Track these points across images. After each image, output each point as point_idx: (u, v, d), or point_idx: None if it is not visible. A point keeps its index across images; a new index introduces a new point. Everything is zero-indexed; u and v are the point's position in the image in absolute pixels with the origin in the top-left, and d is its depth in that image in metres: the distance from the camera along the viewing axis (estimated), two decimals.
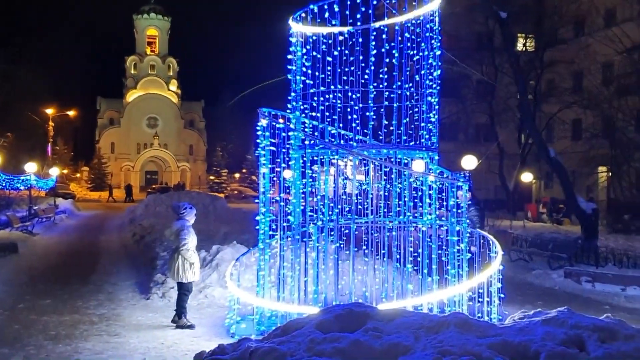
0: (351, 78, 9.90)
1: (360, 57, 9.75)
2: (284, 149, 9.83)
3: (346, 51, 9.81)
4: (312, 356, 5.98)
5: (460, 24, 40.24)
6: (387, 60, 9.94)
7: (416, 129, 10.28)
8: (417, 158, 10.39)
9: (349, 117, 10.02)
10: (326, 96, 10.14)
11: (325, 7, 9.76)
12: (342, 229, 9.99)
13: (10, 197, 35.77)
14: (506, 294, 10.60)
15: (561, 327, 6.43)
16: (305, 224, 9.89)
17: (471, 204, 12.66)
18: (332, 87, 10.02)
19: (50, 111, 60.68)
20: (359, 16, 9.70)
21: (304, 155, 9.77)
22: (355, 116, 9.85)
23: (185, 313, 10.29)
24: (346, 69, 9.91)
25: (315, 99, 10.14)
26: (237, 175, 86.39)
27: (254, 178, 70.31)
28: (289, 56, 10.22)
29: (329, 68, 9.95)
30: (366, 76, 9.76)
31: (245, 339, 6.87)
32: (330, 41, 9.82)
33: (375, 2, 9.72)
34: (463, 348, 5.97)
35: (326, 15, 9.78)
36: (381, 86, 10.12)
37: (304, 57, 10.02)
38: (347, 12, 9.69)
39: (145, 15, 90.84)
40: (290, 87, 10.31)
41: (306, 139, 9.89)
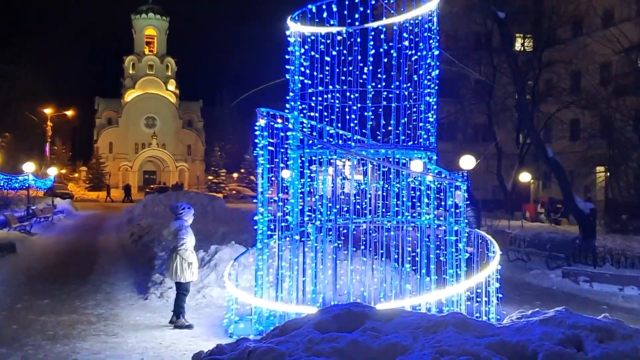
0: (349, 78, 9.91)
1: (359, 57, 9.76)
2: (283, 148, 9.83)
3: (344, 51, 9.81)
4: (311, 356, 5.98)
5: (459, 24, 40.36)
6: (386, 60, 9.93)
7: (414, 128, 10.28)
8: (415, 158, 10.38)
9: (347, 117, 10.02)
10: (324, 96, 10.13)
11: (324, 7, 9.76)
12: (340, 228, 9.99)
13: (8, 197, 35.74)
14: (504, 294, 10.60)
15: (559, 327, 6.43)
16: (303, 224, 9.89)
17: (469, 204, 12.65)
18: (331, 87, 10.02)
19: (48, 111, 60.70)
20: (357, 16, 9.71)
21: (303, 155, 9.76)
22: (354, 116, 9.85)
23: (184, 313, 10.28)
24: (344, 69, 9.91)
25: (314, 98, 10.14)
26: (235, 175, 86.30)
27: (252, 178, 70.31)
28: (287, 56, 10.23)
29: (327, 68, 9.95)
30: (364, 76, 9.77)
31: (244, 339, 6.88)
32: (329, 41, 9.82)
33: (373, 2, 9.73)
34: (461, 348, 5.98)
35: (324, 15, 9.78)
36: (379, 86, 10.12)
37: (302, 57, 10.02)
38: (346, 12, 9.69)
39: (144, 15, 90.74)
40: (288, 87, 10.32)
41: (305, 138, 9.89)
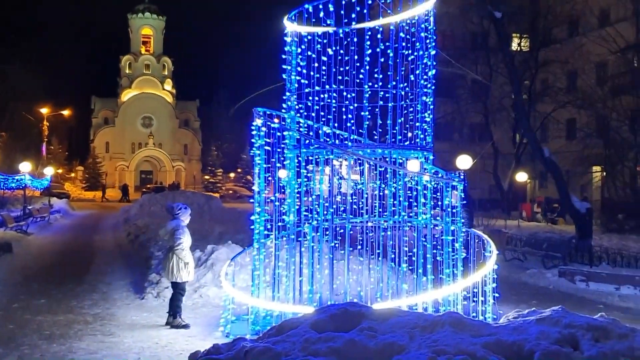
0: (346, 78, 9.91)
1: (355, 57, 9.76)
2: (279, 148, 9.83)
3: (341, 51, 9.82)
4: (307, 356, 5.98)
5: (455, 23, 40.33)
6: (382, 60, 9.94)
7: (411, 128, 10.29)
8: (412, 158, 10.39)
9: (344, 116, 10.02)
10: (321, 96, 10.13)
11: (320, 6, 9.76)
12: (337, 228, 9.99)
13: (4, 197, 35.66)
14: (501, 294, 10.61)
15: (555, 326, 6.44)
16: (300, 224, 9.89)
17: (465, 204, 12.66)
18: (327, 87, 10.02)
19: (44, 111, 60.52)
20: (354, 16, 9.71)
21: (299, 154, 9.76)
22: (350, 116, 9.85)
23: (180, 312, 10.27)
24: (341, 69, 9.91)
25: (310, 98, 10.13)
26: (232, 175, 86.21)
27: (249, 178, 70.18)
28: (284, 56, 10.22)
29: (324, 68, 9.95)
30: (361, 76, 9.76)
31: (240, 338, 6.87)
32: (325, 41, 9.82)
33: (370, 1, 9.73)
34: (457, 347, 5.98)
35: (321, 14, 9.78)
36: (376, 86, 10.12)
37: (299, 56, 10.01)
38: (342, 12, 9.69)
39: (140, 15, 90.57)
40: (285, 87, 10.31)
41: (301, 138, 9.88)
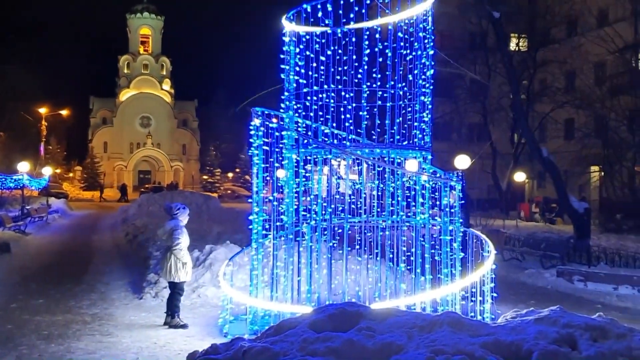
0: (344, 77, 9.91)
1: (354, 57, 9.75)
2: (277, 148, 9.83)
3: (339, 51, 9.81)
4: (305, 356, 5.98)
5: (454, 23, 40.40)
6: (380, 59, 9.94)
7: (409, 128, 10.29)
8: (410, 157, 10.40)
9: (342, 116, 10.01)
10: (319, 95, 10.13)
11: (319, 6, 9.76)
12: (335, 228, 9.99)
13: (2, 197, 35.64)
14: (499, 293, 10.62)
15: (553, 326, 6.45)
16: (298, 224, 9.89)
17: (462, 204, 12.67)
18: (326, 87, 10.02)
19: (43, 110, 60.43)
20: (352, 15, 9.71)
21: (298, 154, 9.76)
22: (349, 116, 9.85)
23: (179, 312, 10.26)
24: (339, 69, 9.91)
25: (309, 98, 10.14)
26: (230, 174, 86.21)
27: (247, 178, 70.22)
28: (282, 55, 10.23)
29: (322, 67, 9.95)
30: (359, 76, 9.76)
31: (238, 338, 6.87)
32: (324, 40, 9.82)
33: (368, 1, 9.73)
34: (456, 347, 5.98)
35: (319, 14, 9.78)
36: (374, 86, 10.13)
37: (297, 56, 10.02)
38: (341, 12, 9.69)
39: (139, 15, 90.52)
40: (283, 87, 10.31)
41: (299, 138, 9.88)
